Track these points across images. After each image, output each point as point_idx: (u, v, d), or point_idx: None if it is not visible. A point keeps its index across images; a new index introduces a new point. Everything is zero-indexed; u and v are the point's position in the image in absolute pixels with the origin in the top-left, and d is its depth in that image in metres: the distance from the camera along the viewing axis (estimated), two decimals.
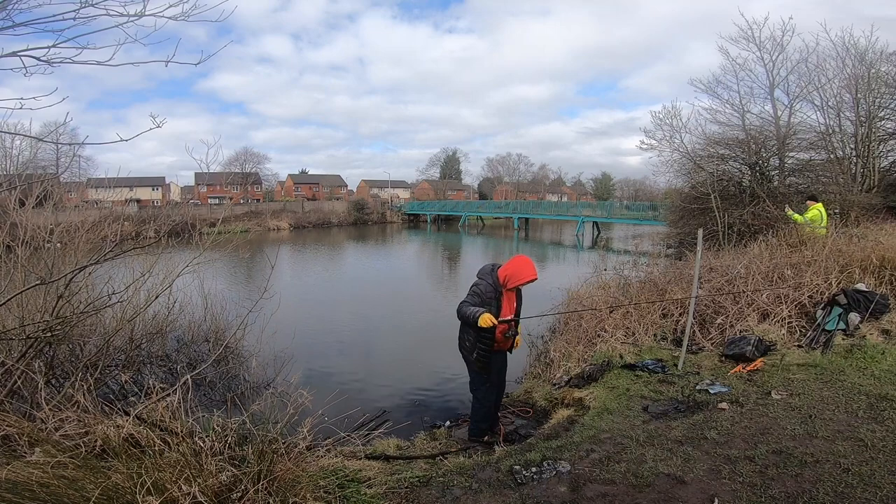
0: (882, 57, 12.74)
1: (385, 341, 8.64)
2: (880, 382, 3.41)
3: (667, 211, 19.39)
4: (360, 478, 2.52)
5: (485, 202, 56.75)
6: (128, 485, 1.71)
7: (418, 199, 59.61)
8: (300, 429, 2.27)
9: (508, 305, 3.78)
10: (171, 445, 2.02)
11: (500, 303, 3.73)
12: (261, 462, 1.98)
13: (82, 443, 2.02)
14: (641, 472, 2.45)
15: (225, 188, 54.42)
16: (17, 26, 2.32)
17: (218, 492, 1.84)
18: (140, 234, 4.68)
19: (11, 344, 3.07)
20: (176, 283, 4.50)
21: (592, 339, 5.67)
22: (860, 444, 2.56)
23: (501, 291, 3.73)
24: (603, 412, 3.62)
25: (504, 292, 3.72)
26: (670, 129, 14.57)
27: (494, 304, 3.69)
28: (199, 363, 5.26)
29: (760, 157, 13.35)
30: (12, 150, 33.66)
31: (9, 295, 3.11)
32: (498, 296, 3.73)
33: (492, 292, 3.71)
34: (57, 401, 2.43)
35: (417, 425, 4.65)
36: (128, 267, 4.59)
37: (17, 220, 3.73)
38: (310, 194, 61.12)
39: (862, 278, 5.42)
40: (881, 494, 2.11)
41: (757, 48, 14.03)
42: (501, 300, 3.74)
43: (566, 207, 44.15)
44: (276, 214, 45.25)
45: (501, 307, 3.73)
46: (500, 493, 2.36)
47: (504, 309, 3.74)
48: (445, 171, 70.49)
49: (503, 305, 3.74)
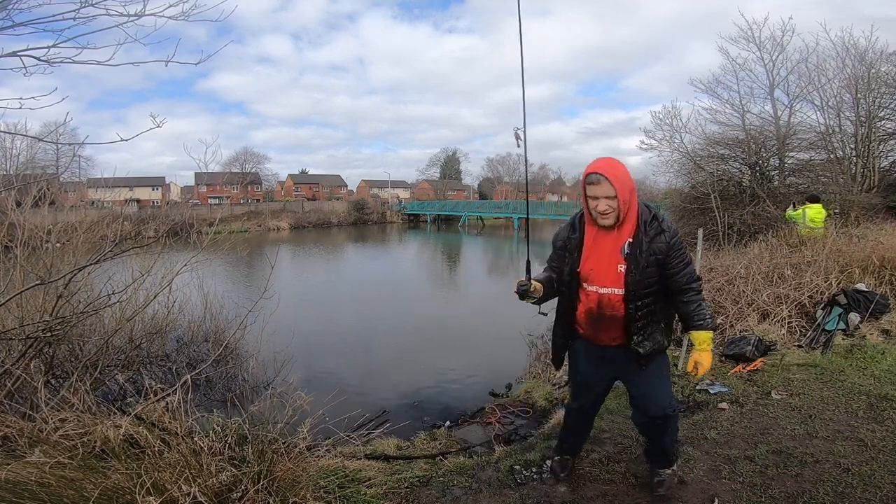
0: (882, 57, 12.76)
1: (385, 341, 8.64)
2: (880, 382, 3.41)
3: (667, 211, 19.43)
4: (360, 478, 2.51)
5: (485, 202, 56.72)
6: (127, 485, 1.70)
7: (418, 199, 59.60)
8: (300, 429, 2.27)
9: (595, 253, 2.06)
10: (171, 445, 2.02)
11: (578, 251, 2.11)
12: (261, 462, 1.98)
13: (82, 443, 2.01)
14: (641, 472, 2.45)
15: (225, 188, 54.40)
16: (17, 26, 2.32)
17: (218, 492, 1.84)
18: (139, 233, 4.68)
19: (11, 344, 3.07)
20: (175, 283, 4.50)
21: None
22: (860, 444, 2.57)
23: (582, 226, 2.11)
24: (603, 412, 3.61)
25: (587, 225, 2.09)
26: (670, 129, 14.59)
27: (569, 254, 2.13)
28: (198, 363, 5.25)
29: (760, 157, 13.36)
30: (12, 151, 33.67)
31: (8, 295, 3.10)
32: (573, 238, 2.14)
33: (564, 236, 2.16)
34: (56, 401, 2.43)
35: (417, 425, 4.65)
36: (127, 267, 4.58)
37: (15, 220, 3.72)
38: (310, 194, 61.07)
39: (862, 278, 5.42)
40: (881, 494, 2.11)
41: (757, 48, 14.06)
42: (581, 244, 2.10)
43: (566, 207, 44.13)
44: (275, 214, 45.24)
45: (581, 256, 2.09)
46: (500, 493, 2.35)
47: (586, 260, 2.08)
48: (445, 171, 70.46)
49: (585, 252, 2.09)
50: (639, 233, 2.00)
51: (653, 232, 1.99)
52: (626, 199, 1.95)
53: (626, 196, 1.94)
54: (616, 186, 1.91)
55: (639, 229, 2.00)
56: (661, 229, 2.00)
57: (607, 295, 2.05)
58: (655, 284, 2.02)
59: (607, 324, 2.08)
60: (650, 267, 1.99)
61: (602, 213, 1.97)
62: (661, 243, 1.98)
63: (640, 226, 2.00)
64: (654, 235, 1.99)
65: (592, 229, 2.08)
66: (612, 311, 2.06)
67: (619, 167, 1.96)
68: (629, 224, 2.02)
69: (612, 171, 1.93)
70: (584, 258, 2.09)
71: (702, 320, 2.06)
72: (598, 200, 1.96)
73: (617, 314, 2.05)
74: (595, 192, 1.96)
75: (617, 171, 1.94)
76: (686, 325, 2.12)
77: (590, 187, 1.97)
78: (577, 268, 2.10)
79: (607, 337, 2.12)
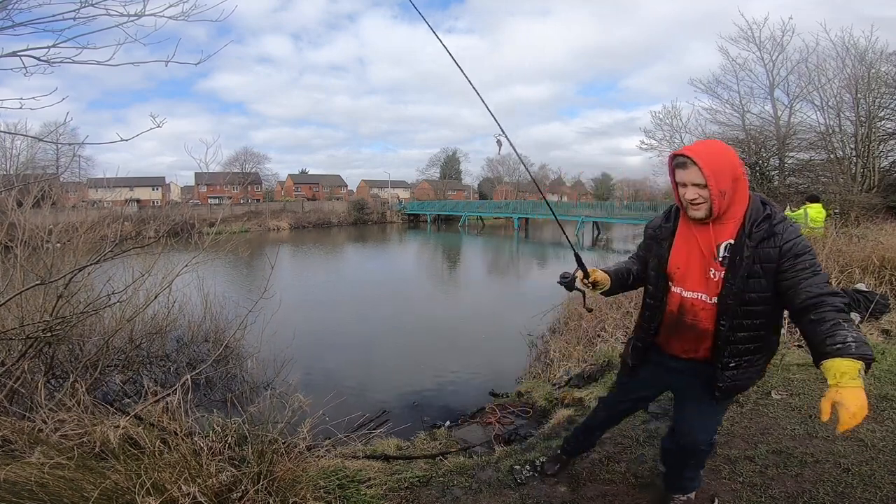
0: (882, 57, 12.79)
1: (385, 341, 8.65)
2: (880, 382, 3.41)
3: None
4: (360, 478, 2.51)
5: (485, 202, 56.71)
6: (127, 485, 1.71)
7: (418, 199, 59.59)
8: (300, 429, 2.27)
9: (685, 248, 1.77)
10: (171, 446, 2.02)
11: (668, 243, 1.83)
12: (261, 462, 1.98)
13: (81, 443, 2.01)
14: (641, 472, 2.45)
15: (225, 188, 54.39)
16: (17, 26, 2.32)
17: (218, 492, 1.84)
18: (140, 233, 4.68)
19: (11, 344, 3.07)
20: (175, 283, 4.50)
21: (592, 339, 5.68)
22: (860, 444, 2.57)
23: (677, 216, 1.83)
24: None
25: (682, 216, 1.78)
26: (670, 129, 14.65)
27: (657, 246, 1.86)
28: (198, 363, 5.26)
29: (760, 157, 13.37)
30: (12, 151, 33.66)
31: (8, 295, 3.11)
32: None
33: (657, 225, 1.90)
34: (56, 401, 2.43)
35: (417, 425, 4.65)
36: (127, 267, 4.58)
37: (15, 220, 3.72)
38: (310, 194, 61.08)
39: (862, 278, 5.42)
40: (881, 494, 2.12)
41: (757, 48, 14.09)
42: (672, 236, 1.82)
43: (566, 207, 44.12)
44: (275, 214, 45.21)
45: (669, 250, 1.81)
46: (500, 493, 2.35)
47: (674, 255, 1.80)
48: (445, 171, 70.48)
49: (675, 246, 1.80)
50: (741, 234, 1.62)
51: (760, 235, 1.59)
52: (722, 190, 1.59)
53: (723, 186, 1.59)
54: (706, 173, 1.57)
55: (742, 230, 1.62)
56: (771, 232, 1.59)
57: (690, 300, 1.75)
58: (763, 303, 1.63)
59: (684, 333, 1.79)
60: (755, 278, 1.61)
61: (692, 203, 1.65)
62: (771, 249, 1.58)
63: (745, 225, 1.62)
64: (760, 239, 1.59)
65: (686, 221, 1.75)
66: (694, 320, 1.75)
67: (717, 151, 1.62)
68: (732, 221, 1.65)
69: (704, 155, 1.59)
70: (673, 253, 1.79)
71: (838, 344, 1.41)
72: (686, 188, 1.64)
73: (699, 325, 1.74)
74: (682, 178, 1.64)
75: (711, 154, 1.60)
76: (816, 353, 1.48)
77: (677, 171, 1.66)
78: (665, 262, 1.80)
79: (679, 347, 1.83)
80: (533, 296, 10.88)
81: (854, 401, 1.37)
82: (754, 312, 1.65)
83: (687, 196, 1.65)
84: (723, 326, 1.67)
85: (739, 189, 1.63)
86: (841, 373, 1.40)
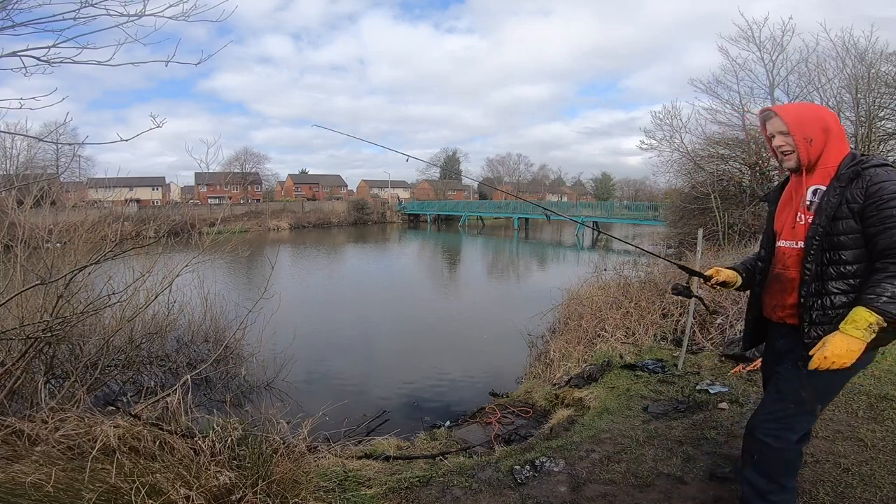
0: (882, 57, 12.77)
1: (385, 342, 8.65)
2: (880, 382, 3.40)
3: (667, 211, 19.47)
4: (360, 478, 2.51)
5: (485, 202, 56.66)
6: (126, 487, 1.70)
7: (418, 199, 59.59)
8: (300, 429, 2.27)
9: (787, 203, 1.80)
10: (170, 446, 2.02)
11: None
12: (261, 463, 1.98)
13: (80, 444, 2.01)
14: (641, 472, 2.45)
15: (225, 188, 54.38)
16: (17, 26, 2.31)
17: (217, 495, 1.84)
18: (140, 234, 4.69)
19: (11, 344, 3.07)
20: (175, 283, 4.50)
21: (592, 339, 5.68)
22: (860, 444, 2.56)
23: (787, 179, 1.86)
24: (603, 412, 3.61)
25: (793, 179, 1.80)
26: (670, 129, 14.63)
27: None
28: (198, 363, 5.26)
29: (760, 157, 13.36)
30: (12, 151, 33.65)
31: (8, 295, 3.11)
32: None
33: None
34: (56, 401, 2.43)
35: (417, 425, 4.65)
36: (127, 267, 4.59)
37: (15, 220, 3.73)
38: (310, 194, 61.07)
39: None
40: (881, 494, 2.11)
41: (757, 48, 14.08)
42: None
43: (566, 207, 44.12)
44: (276, 214, 45.19)
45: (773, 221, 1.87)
46: (500, 493, 2.35)
47: (780, 211, 1.84)
48: (446, 171, 70.47)
49: (780, 203, 1.85)
50: (832, 180, 1.61)
51: (847, 176, 1.57)
52: (807, 136, 1.63)
53: (807, 132, 1.63)
54: (787, 121, 1.66)
55: (833, 177, 1.62)
56: (857, 173, 1.56)
57: (782, 248, 1.75)
58: (854, 246, 1.55)
59: (775, 286, 1.76)
60: (842, 219, 1.56)
61: (781, 152, 1.72)
62: (858, 190, 1.54)
63: (837, 173, 1.61)
64: (848, 180, 1.57)
65: (790, 180, 1.80)
66: (782, 269, 1.73)
67: (801, 104, 1.74)
68: (822, 170, 1.65)
69: (786, 108, 1.72)
70: (778, 210, 1.83)
71: (871, 294, 1.45)
72: (775, 137, 1.73)
73: (785, 273, 1.71)
74: (770, 129, 1.74)
75: (794, 106, 1.73)
76: (855, 301, 1.52)
77: (767, 125, 1.77)
78: (772, 220, 1.85)
79: (772, 303, 1.78)
80: (533, 296, 10.88)
81: (836, 346, 1.46)
82: (843, 259, 1.57)
83: (775, 143, 1.72)
84: (808, 273, 1.61)
85: (832, 140, 1.64)
86: (852, 320, 1.46)
